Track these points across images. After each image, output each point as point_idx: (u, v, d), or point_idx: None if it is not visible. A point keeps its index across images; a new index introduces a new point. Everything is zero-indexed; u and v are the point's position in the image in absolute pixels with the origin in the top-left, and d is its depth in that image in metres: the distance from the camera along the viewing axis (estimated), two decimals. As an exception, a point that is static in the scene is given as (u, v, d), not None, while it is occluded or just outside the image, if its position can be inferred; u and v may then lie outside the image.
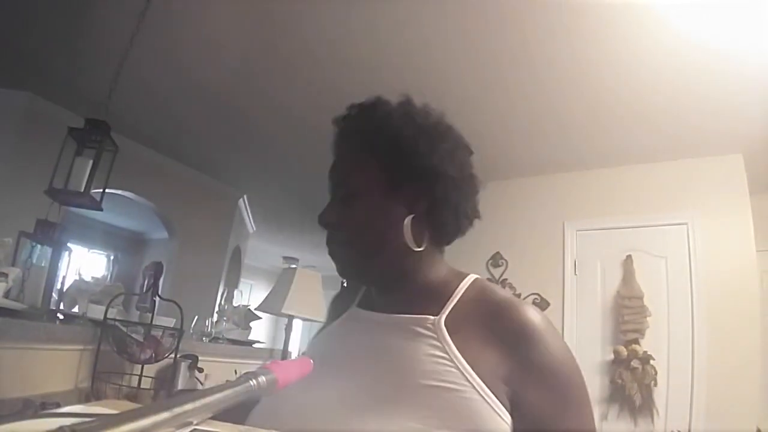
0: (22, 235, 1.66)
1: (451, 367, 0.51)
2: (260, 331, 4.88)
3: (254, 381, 0.36)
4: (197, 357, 1.84)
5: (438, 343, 0.53)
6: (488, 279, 3.36)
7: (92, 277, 1.97)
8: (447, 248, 0.67)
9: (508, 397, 0.51)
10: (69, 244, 1.85)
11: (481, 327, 0.55)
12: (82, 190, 1.73)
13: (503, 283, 3.31)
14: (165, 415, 0.27)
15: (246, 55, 2.44)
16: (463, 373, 0.50)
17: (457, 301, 0.58)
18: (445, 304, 0.57)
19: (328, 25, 2.14)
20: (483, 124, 2.84)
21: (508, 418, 0.50)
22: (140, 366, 1.60)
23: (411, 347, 0.55)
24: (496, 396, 0.50)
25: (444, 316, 0.56)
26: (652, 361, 2.64)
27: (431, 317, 0.56)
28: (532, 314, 0.56)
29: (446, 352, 0.52)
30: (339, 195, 0.63)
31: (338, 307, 0.71)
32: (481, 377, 0.50)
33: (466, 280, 0.61)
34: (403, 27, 2.09)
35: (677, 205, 2.86)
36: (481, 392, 0.50)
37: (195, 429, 0.34)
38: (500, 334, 0.54)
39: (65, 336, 1.50)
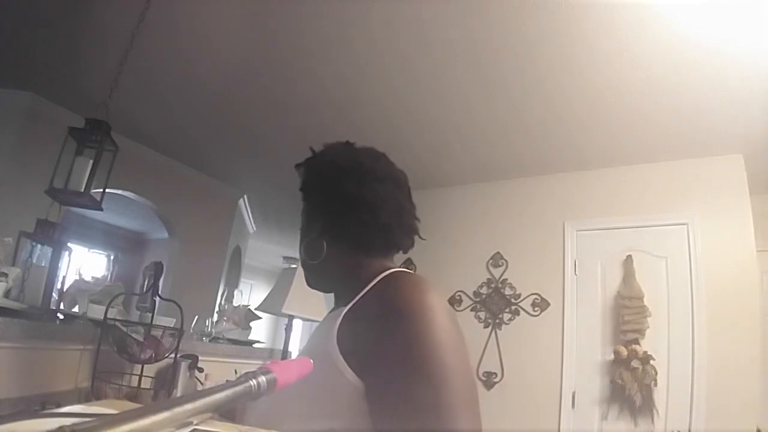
0: (22, 235, 1.66)
1: (326, 343, 0.62)
2: (260, 331, 4.88)
3: (254, 381, 0.36)
4: (197, 357, 1.84)
5: (332, 327, 0.63)
6: (488, 279, 3.37)
7: (92, 277, 1.97)
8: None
9: (360, 365, 0.59)
10: (69, 244, 1.85)
11: (365, 309, 0.64)
12: (83, 190, 1.73)
13: (503, 283, 3.32)
14: (165, 415, 0.27)
15: (246, 55, 2.44)
16: (327, 345, 0.61)
17: (365, 293, 0.66)
18: (355, 296, 0.66)
19: (328, 26, 2.14)
20: (483, 124, 2.85)
21: (355, 380, 0.58)
22: (140, 366, 1.60)
23: (321, 337, 0.67)
24: (347, 363, 0.59)
25: (349, 306, 0.65)
26: (652, 361, 2.64)
27: (342, 308, 0.66)
28: (401, 297, 0.61)
29: (330, 333, 0.62)
30: None
31: None
32: (341, 347, 0.60)
33: (382, 274, 0.68)
34: (403, 28, 2.09)
35: (677, 205, 2.86)
36: (335, 357, 0.60)
37: (195, 429, 0.34)
38: (367, 311, 0.63)
39: (65, 336, 1.50)
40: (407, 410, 0.54)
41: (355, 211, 0.73)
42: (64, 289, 1.86)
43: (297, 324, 2.79)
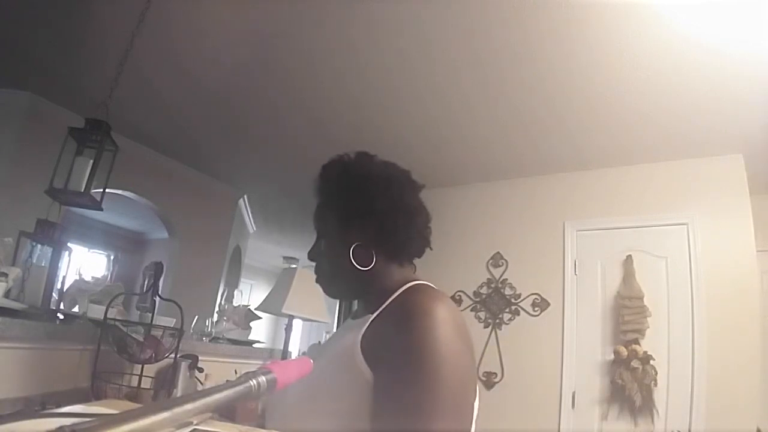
0: (22, 234, 1.66)
1: (351, 343, 0.68)
2: (260, 331, 4.88)
3: (254, 381, 0.36)
4: (197, 357, 1.84)
5: (359, 332, 0.69)
6: (488, 279, 3.37)
7: (92, 277, 1.97)
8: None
9: (373, 361, 0.65)
10: (69, 244, 1.85)
11: (388, 315, 0.70)
12: (83, 190, 1.73)
13: (503, 283, 3.32)
14: (165, 415, 0.27)
15: (246, 55, 2.44)
16: (353, 347, 0.67)
17: (390, 302, 0.71)
18: (382, 304, 0.71)
19: (328, 26, 2.13)
20: (483, 125, 2.85)
21: (368, 373, 0.65)
22: (140, 366, 1.60)
23: (346, 338, 0.71)
24: (366, 360, 0.65)
25: (376, 314, 0.70)
26: (652, 361, 2.64)
27: (370, 315, 0.71)
28: (413, 308, 0.67)
29: (357, 336, 0.68)
30: (317, 235, 0.85)
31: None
32: (363, 348, 0.66)
33: (405, 285, 0.74)
34: (403, 28, 2.09)
35: (677, 205, 2.86)
36: (357, 358, 0.66)
37: (195, 429, 0.34)
38: (387, 319, 0.69)
39: (65, 336, 1.50)
40: (394, 405, 0.60)
41: (413, 221, 0.79)
42: (64, 289, 1.86)
43: (297, 324, 2.79)
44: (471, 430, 0.66)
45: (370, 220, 0.77)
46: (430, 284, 0.76)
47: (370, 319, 0.70)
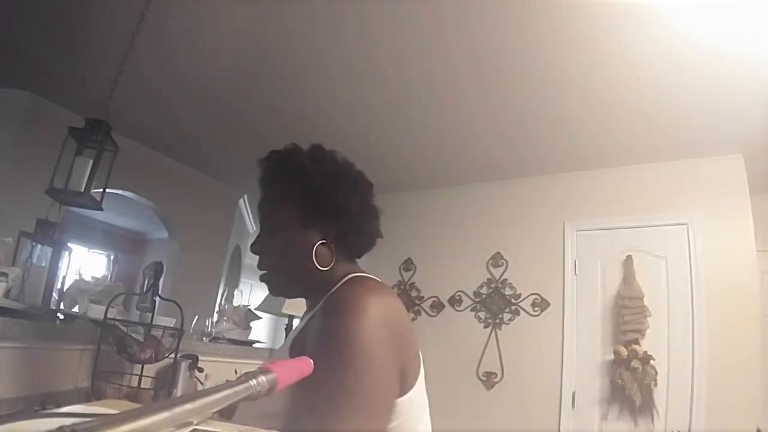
0: (22, 234, 1.65)
1: (285, 346, 0.71)
2: (260, 331, 4.88)
3: (254, 381, 0.36)
4: (197, 357, 1.83)
5: (295, 332, 0.71)
6: (488, 279, 3.37)
7: (92, 277, 1.97)
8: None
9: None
10: (69, 244, 1.84)
11: (318, 313, 0.70)
12: (83, 190, 1.73)
13: (503, 283, 3.32)
14: (165, 415, 0.27)
15: (245, 56, 2.44)
16: (284, 349, 0.69)
17: (326, 298, 0.71)
18: (320, 300, 0.72)
19: (327, 26, 2.13)
20: (483, 124, 2.85)
21: None
22: (140, 366, 1.60)
23: (287, 341, 0.74)
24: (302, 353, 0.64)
25: (314, 310, 0.72)
26: (652, 361, 2.64)
27: (310, 312, 0.74)
28: (337, 303, 0.67)
29: (291, 336, 0.71)
30: (265, 228, 0.80)
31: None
32: (291, 347, 0.69)
33: (342, 280, 0.73)
34: (402, 29, 2.09)
35: (677, 205, 2.87)
36: (292, 350, 0.69)
37: (195, 429, 0.34)
38: (317, 315, 0.69)
39: (65, 336, 1.50)
40: (306, 404, 0.59)
41: (377, 221, 0.80)
42: (64, 289, 1.86)
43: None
44: (394, 425, 0.64)
45: (337, 219, 0.75)
46: (369, 275, 0.74)
47: (306, 319, 0.72)
